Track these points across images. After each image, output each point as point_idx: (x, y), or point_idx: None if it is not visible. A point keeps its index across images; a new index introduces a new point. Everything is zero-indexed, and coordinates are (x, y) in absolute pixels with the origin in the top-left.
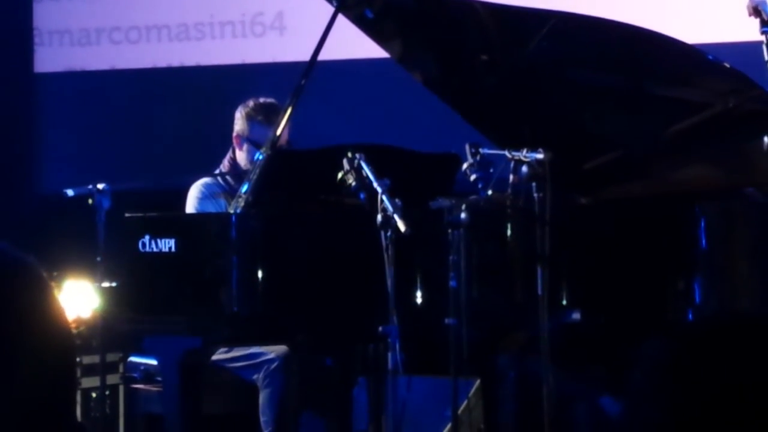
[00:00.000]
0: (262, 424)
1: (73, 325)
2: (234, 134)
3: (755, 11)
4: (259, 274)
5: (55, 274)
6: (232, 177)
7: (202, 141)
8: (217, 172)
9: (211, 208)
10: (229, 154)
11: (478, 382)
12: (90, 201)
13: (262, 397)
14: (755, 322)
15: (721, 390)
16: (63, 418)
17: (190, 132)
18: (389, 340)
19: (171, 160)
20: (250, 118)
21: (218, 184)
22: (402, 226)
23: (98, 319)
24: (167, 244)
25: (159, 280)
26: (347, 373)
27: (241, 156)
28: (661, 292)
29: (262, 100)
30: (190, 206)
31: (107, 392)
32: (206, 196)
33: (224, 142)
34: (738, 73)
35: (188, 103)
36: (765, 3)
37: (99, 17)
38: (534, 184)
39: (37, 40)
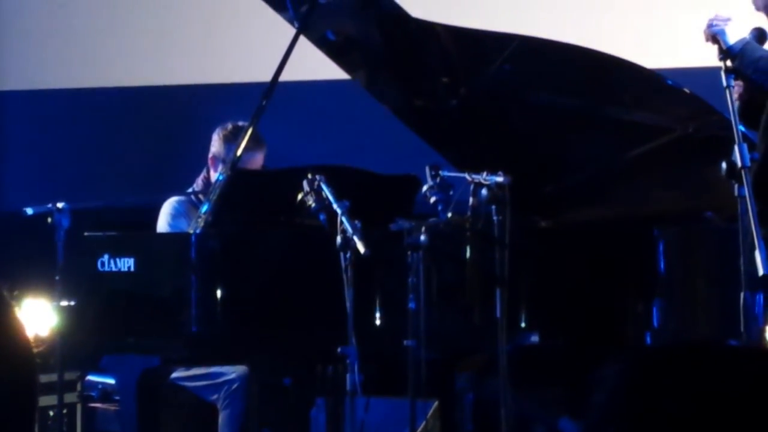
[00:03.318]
0: None
1: (32, 344)
2: (210, 155)
3: (713, 38)
4: (218, 294)
5: (14, 293)
6: (205, 196)
7: (162, 161)
8: (190, 190)
9: (184, 225)
10: (203, 174)
11: (436, 403)
12: (49, 219)
13: (222, 417)
14: (712, 347)
15: (678, 413)
16: None
17: (150, 152)
18: (348, 361)
19: (131, 179)
20: (227, 140)
21: (191, 202)
22: (361, 248)
23: (56, 338)
24: (126, 264)
25: (118, 299)
26: (305, 394)
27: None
28: (620, 315)
29: (240, 123)
30: (163, 222)
31: (65, 411)
32: (180, 213)
33: (185, 162)
34: (697, 99)
35: (149, 123)
36: (723, 32)
37: (61, 37)
38: (494, 206)
39: None
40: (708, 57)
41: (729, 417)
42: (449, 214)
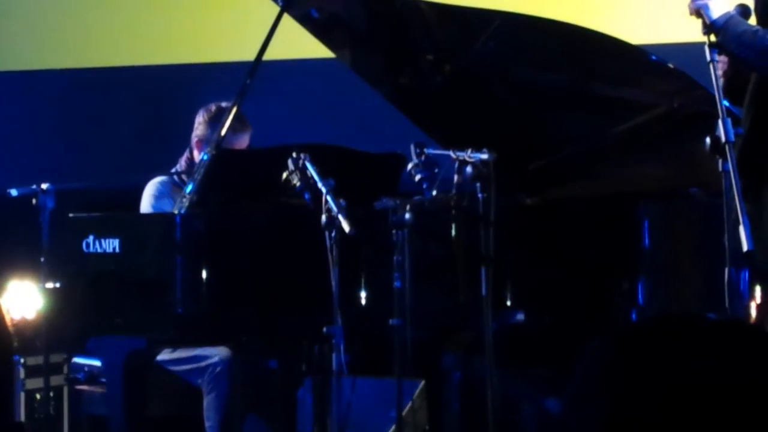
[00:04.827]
0: (207, 429)
1: (16, 324)
2: (194, 137)
3: (696, 13)
4: (204, 274)
5: None
6: (188, 176)
7: (146, 141)
8: (173, 171)
9: (167, 206)
10: (186, 154)
11: (422, 383)
12: (34, 201)
13: (207, 401)
14: (696, 323)
15: (661, 389)
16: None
17: (133, 132)
18: (334, 340)
19: (116, 160)
20: (211, 122)
21: (174, 182)
22: (346, 227)
23: (42, 320)
24: (111, 245)
25: (103, 280)
26: (291, 374)
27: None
28: (605, 293)
29: (224, 104)
30: (146, 204)
31: (51, 393)
32: (163, 193)
33: (169, 142)
34: (682, 74)
35: (133, 103)
36: (707, 6)
37: (46, 17)
38: (478, 184)
39: None
40: (692, 32)
41: (710, 390)
42: (434, 192)
